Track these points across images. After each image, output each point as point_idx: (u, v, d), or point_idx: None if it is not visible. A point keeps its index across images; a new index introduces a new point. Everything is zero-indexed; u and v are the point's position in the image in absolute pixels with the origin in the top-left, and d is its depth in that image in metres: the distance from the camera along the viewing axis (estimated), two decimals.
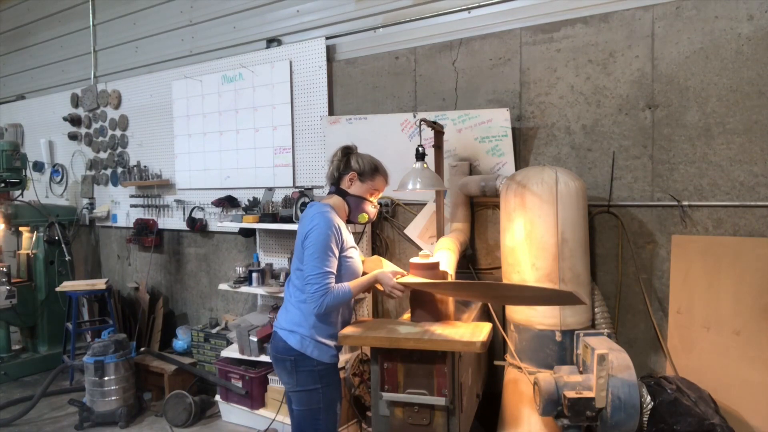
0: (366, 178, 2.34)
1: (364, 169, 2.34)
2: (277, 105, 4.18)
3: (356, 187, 2.34)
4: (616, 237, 2.95)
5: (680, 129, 2.77)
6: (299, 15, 4.12)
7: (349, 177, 2.33)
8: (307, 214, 2.27)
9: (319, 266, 2.15)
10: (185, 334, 4.64)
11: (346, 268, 2.28)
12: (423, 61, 3.55)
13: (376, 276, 2.26)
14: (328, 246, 2.16)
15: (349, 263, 2.29)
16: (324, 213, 2.22)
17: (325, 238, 2.16)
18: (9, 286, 4.64)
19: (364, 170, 2.34)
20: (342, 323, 2.32)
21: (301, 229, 2.26)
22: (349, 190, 2.34)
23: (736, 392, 2.59)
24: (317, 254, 2.15)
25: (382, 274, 2.25)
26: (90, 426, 3.84)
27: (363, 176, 2.34)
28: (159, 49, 5.08)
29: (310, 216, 2.24)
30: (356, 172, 2.33)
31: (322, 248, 2.15)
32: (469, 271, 3.32)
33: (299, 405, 2.27)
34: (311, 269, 2.15)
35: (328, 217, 2.20)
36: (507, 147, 3.16)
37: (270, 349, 2.37)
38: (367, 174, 2.34)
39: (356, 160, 2.35)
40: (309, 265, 2.16)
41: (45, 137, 6.22)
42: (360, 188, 2.35)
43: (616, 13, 2.90)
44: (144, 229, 5.08)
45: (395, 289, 2.22)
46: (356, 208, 2.35)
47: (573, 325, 2.55)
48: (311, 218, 2.22)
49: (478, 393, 2.72)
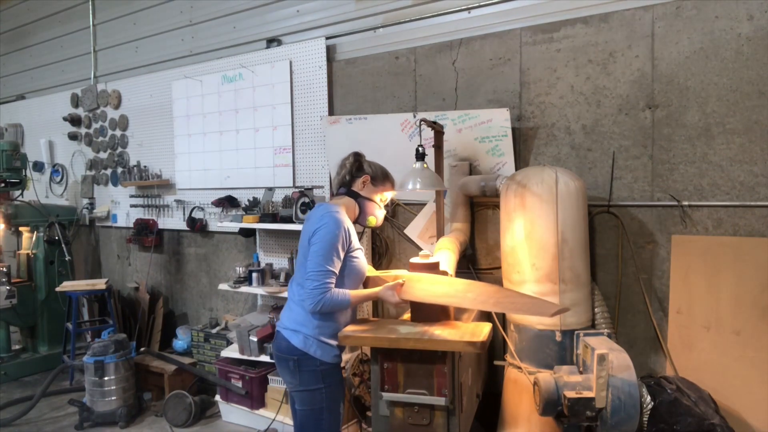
0: (378, 182, 2.44)
1: (376, 173, 2.44)
2: (277, 105, 4.18)
3: (368, 190, 2.43)
4: (616, 237, 2.95)
5: (680, 129, 2.77)
6: (299, 15, 4.12)
7: (362, 180, 2.42)
8: (316, 213, 2.29)
9: (322, 264, 2.16)
10: (185, 334, 4.64)
11: (351, 268, 2.29)
12: (423, 61, 3.55)
13: (378, 294, 2.30)
14: (334, 246, 2.18)
15: (354, 263, 2.31)
16: (334, 213, 2.25)
17: (333, 238, 2.19)
18: (9, 286, 4.64)
19: (376, 174, 2.44)
20: (345, 323, 2.32)
21: (308, 227, 2.28)
22: (361, 193, 2.42)
23: (736, 392, 2.59)
24: (322, 252, 2.17)
25: (384, 293, 2.28)
26: (90, 426, 3.84)
27: (375, 180, 2.44)
28: (159, 49, 5.08)
29: (319, 215, 2.26)
30: (369, 175, 2.43)
31: (329, 247, 2.18)
32: (469, 271, 3.32)
33: (302, 405, 2.28)
34: (314, 266, 2.17)
35: (338, 218, 2.23)
36: (507, 147, 3.16)
37: (273, 349, 2.38)
38: (379, 178, 2.44)
39: (368, 165, 2.46)
40: (312, 262, 2.18)
41: (45, 137, 6.22)
42: (372, 191, 2.44)
43: (616, 13, 2.90)
44: (144, 229, 5.08)
45: (399, 305, 2.32)
46: (366, 210, 2.43)
47: (573, 325, 2.55)
48: (320, 217, 2.24)
49: (478, 393, 2.72)
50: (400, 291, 2.27)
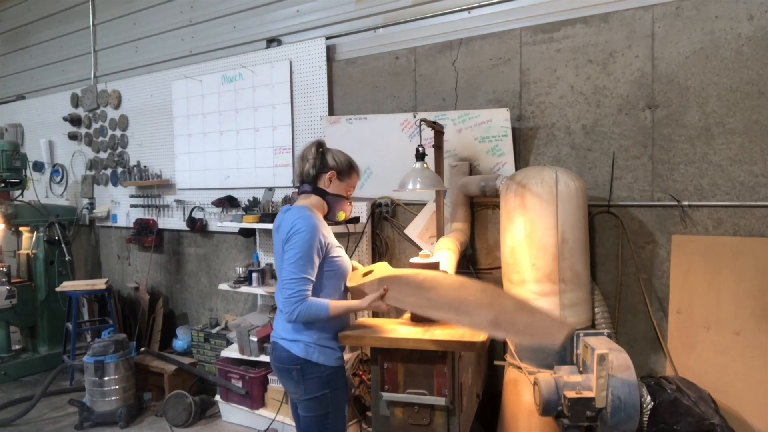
0: (344, 176, 2.26)
1: (342, 167, 2.25)
2: (277, 105, 4.18)
3: (335, 186, 2.25)
4: (616, 237, 2.95)
5: (680, 129, 2.77)
6: (299, 15, 4.12)
7: (329, 176, 2.23)
8: (287, 219, 2.15)
9: (296, 272, 2.06)
10: (185, 334, 4.64)
11: (335, 268, 2.20)
12: (423, 61, 3.55)
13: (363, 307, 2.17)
14: (309, 253, 2.07)
15: (338, 263, 2.20)
16: (306, 218, 2.12)
17: (307, 246, 2.07)
18: (9, 286, 4.64)
19: (342, 168, 2.25)
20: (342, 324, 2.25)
21: (281, 232, 2.17)
22: (328, 190, 2.24)
23: (736, 392, 2.59)
24: (295, 260, 2.06)
25: (371, 306, 2.16)
26: (90, 426, 3.84)
27: (341, 174, 2.25)
28: (159, 49, 5.08)
29: (290, 220, 2.13)
30: (335, 170, 2.24)
31: (303, 255, 2.07)
32: (469, 271, 3.32)
33: (307, 412, 2.19)
34: (288, 274, 2.07)
35: (312, 223, 2.10)
36: (507, 147, 3.16)
37: (273, 361, 2.25)
38: (344, 172, 2.26)
39: (332, 158, 2.25)
40: (287, 270, 2.08)
41: (45, 137, 6.22)
42: (339, 187, 2.26)
43: (616, 13, 2.90)
44: (144, 229, 5.08)
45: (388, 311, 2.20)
46: (335, 207, 2.27)
47: (573, 325, 2.55)
48: (292, 222, 2.11)
49: (478, 393, 2.72)
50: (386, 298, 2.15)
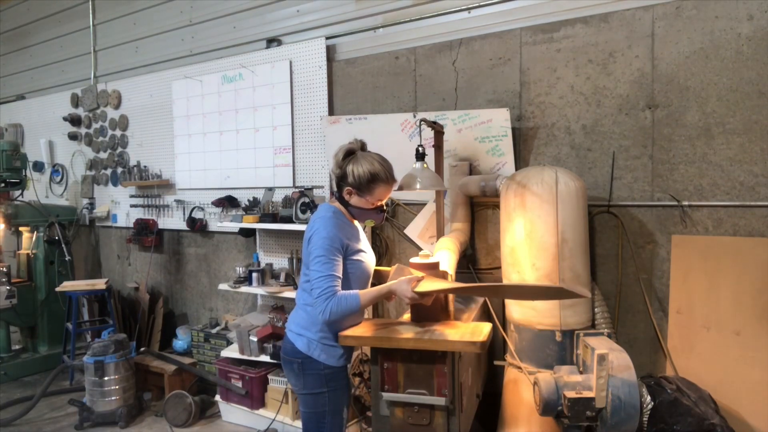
0: (364, 192, 2.19)
1: (360, 182, 2.17)
2: (277, 105, 4.18)
3: (356, 200, 2.23)
4: (616, 237, 2.95)
5: (680, 129, 2.77)
6: (299, 15, 4.12)
7: (347, 191, 2.22)
8: (312, 217, 2.28)
9: (321, 270, 2.12)
10: (185, 334, 4.64)
11: (354, 270, 2.23)
12: (423, 61, 3.55)
13: (391, 288, 2.14)
14: (329, 250, 2.13)
15: (357, 265, 2.24)
16: (324, 218, 2.20)
17: (327, 244, 2.13)
18: (9, 286, 4.63)
19: (360, 184, 2.18)
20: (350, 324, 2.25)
21: (306, 232, 2.27)
22: (350, 202, 2.25)
23: (736, 392, 2.59)
24: (318, 258, 2.13)
25: (398, 286, 2.13)
26: (90, 426, 3.84)
27: (360, 191, 2.19)
28: (159, 49, 5.08)
29: (312, 219, 2.25)
30: (352, 187, 2.20)
31: (324, 253, 2.13)
32: (469, 271, 3.32)
33: (305, 407, 2.27)
34: (314, 273, 2.14)
35: (327, 222, 2.17)
36: (507, 147, 3.16)
37: (281, 351, 2.36)
38: (363, 187, 2.18)
39: (352, 172, 2.18)
40: (313, 270, 2.15)
41: (45, 137, 6.21)
42: (359, 201, 2.23)
43: (616, 13, 2.90)
44: (144, 229, 5.08)
45: (413, 300, 2.12)
46: (360, 217, 2.29)
47: (573, 325, 2.55)
48: (313, 222, 2.23)
49: (478, 393, 2.72)
50: (416, 285, 2.13)
